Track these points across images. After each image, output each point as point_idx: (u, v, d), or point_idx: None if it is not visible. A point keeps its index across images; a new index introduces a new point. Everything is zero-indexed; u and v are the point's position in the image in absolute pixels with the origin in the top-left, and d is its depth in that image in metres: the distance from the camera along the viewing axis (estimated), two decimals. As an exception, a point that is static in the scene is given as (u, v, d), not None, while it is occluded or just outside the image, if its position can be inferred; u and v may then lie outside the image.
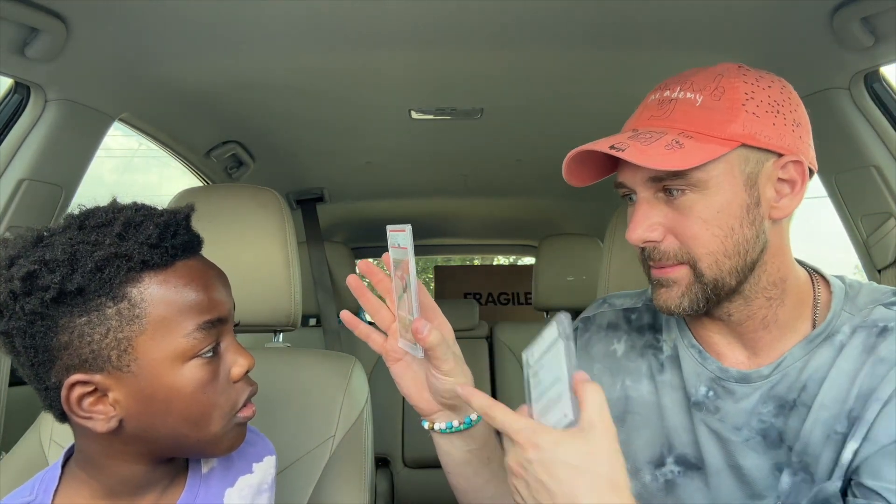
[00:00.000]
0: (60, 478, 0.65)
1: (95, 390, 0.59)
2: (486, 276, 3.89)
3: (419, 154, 1.94)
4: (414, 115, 1.53)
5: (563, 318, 0.58)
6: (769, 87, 0.69)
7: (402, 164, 2.05)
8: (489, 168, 2.09)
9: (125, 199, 0.65)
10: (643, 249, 0.72)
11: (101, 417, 0.59)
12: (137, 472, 0.64)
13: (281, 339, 1.27)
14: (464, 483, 0.79)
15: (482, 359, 2.42)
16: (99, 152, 1.27)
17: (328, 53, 1.18)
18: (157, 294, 0.59)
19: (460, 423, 0.74)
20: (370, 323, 0.77)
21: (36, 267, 0.57)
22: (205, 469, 0.71)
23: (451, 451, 0.77)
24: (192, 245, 0.64)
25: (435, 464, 0.80)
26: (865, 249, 1.25)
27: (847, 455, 0.64)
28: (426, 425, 0.76)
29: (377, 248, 3.56)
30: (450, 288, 3.78)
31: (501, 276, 3.84)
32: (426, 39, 1.12)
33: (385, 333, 0.74)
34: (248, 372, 0.66)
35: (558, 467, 0.55)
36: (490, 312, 3.69)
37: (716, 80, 0.68)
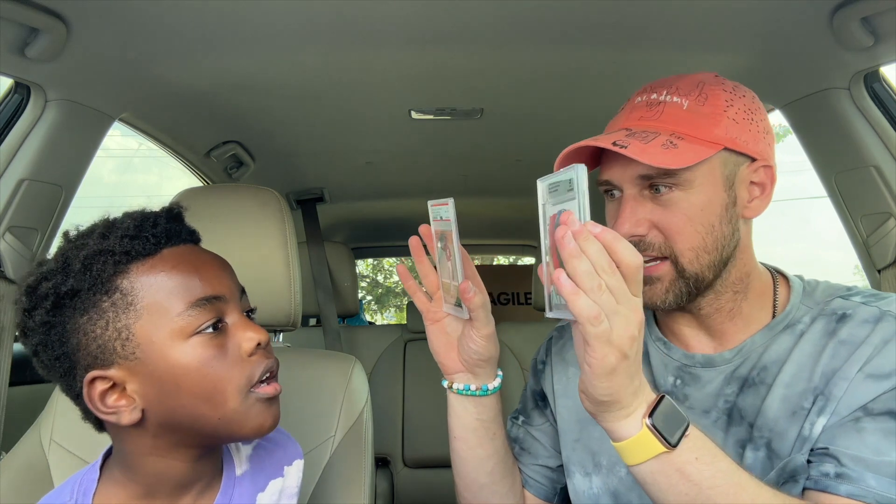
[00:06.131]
0: (98, 479, 0.67)
1: (114, 385, 0.62)
2: (486, 276, 3.88)
3: (419, 154, 1.93)
4: (414, 115, 1.53)
5: (581, 170, 0.56)
6: (744, 96, 0.74)
7: (402, 164, 2.04)
8: (489, 168, 2.09)
9: (125, 199, 0.67)
10: None
11: (125, 410, 0.62)
12: (174, 469, 0.66)
13: (281, 339, 1.27)
14: (466, 451, 0.84)
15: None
16: (99, 152, 1.27)
17: (328, 53, 1.18)
18: (145, 281, 0.63)
19: (477, 389, 0.81)
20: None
21: (35, 280, 0.63)
22: (238, 471, 0.72)
23: (462, 415, 0.83)
24: (176, 234, 0.67)
25: (435, 464, 0.81)
26: (865, 249, 1.25)
27: (816, 429, 0.68)
28: (445, 384, 0.83)
29: (377, 247, 3.55)
30: (450, 288, 3.77)
31: (501, 276, 3.84)
32: (426, 39, 1.12)
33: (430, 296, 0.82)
34: (259, 345, 0.66)
35: None
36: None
37: (698, 86, 0.73)
